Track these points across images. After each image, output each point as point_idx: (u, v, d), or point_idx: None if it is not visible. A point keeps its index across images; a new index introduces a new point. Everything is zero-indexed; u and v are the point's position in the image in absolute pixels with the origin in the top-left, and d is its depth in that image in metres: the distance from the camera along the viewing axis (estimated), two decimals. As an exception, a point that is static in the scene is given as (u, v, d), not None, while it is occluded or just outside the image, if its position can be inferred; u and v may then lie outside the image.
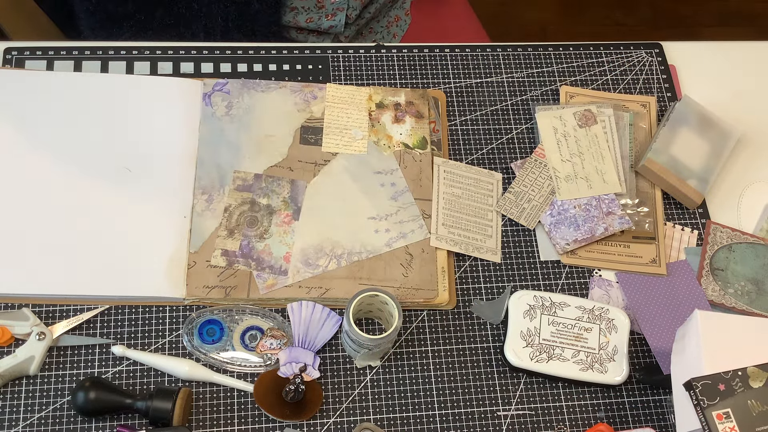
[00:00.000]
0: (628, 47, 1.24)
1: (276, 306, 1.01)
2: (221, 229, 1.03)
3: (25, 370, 0.94)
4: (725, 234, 1.10)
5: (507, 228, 1.09)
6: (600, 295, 1.05)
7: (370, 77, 1.17)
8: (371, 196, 1.07)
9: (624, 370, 0.98)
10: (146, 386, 0.95)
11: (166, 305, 1.00)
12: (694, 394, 0.87)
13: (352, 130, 1.11)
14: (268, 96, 1.12)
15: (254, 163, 1.07)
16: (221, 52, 1.16)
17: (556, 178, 1.10)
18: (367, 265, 1.03)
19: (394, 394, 0.98)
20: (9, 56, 1.12)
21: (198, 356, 0.97)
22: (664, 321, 1.04)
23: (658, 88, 1.21)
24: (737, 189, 1.16)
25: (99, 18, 1.26)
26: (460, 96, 1.17)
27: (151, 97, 1.10)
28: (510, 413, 0.98)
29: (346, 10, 1.29)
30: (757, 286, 1.07)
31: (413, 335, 1.02)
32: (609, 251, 1.08)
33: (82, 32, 1.31)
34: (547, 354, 0.98)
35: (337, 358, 0.99)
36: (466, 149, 1.14)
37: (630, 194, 1.11)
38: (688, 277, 1.07)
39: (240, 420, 0.95)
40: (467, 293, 1.05)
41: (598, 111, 1.15)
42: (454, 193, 1.09)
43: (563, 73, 1.21)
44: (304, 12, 1.28)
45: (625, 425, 0.99)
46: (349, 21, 1.32)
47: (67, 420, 0.93)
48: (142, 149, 1.07)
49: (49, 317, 0.98)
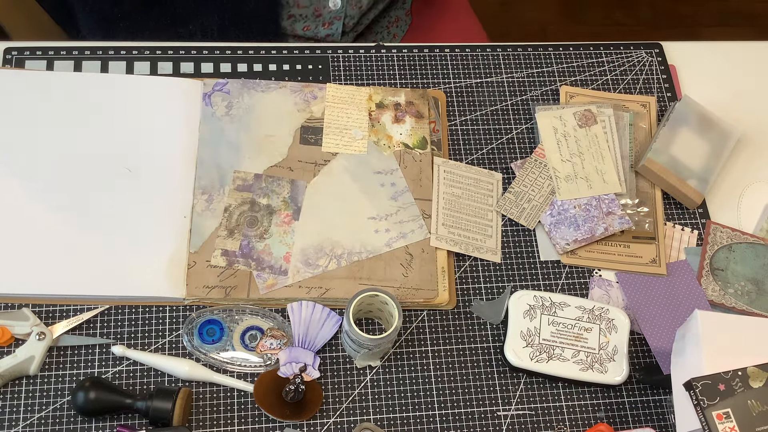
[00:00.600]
0: (628, 47, 1.24)
1: (276, 306, 1.01)
2: (221, 229, 1.03)
3: (25, 370, 0.94)
4: (725, 234, 1.10)
5: (507, 228, 1.09)
6: (600, 295, 1.05)
7: (370, 77, 1.17)
8: (371, 196, 1.07)
9: (624, 370, 0.98)
10: (146, 386, 0.95)
11: (166, 305, 1.00)
12: (694, 394, 0.87)
13: (352, 130, 1.11)
14: (268, 96, 1.12)
15: (254, 163, 1.07)
16: (221, 52, 1.16)
17: (556, 178, 1.10)
18: (367, 265, 1.03)
19: (394, 394, 0.98)
20: (9, 56, 1.12)
21: (198, 356, 0.97)
22: (664, 321, 1.04)
23: (658, 88, 1.21)
24: (737, 189, 1.16)
25: (95, 18, 1.26)
26: (460, 96, 1.17)
27: (151, 97, 1.10)
28: (510, 413, 0.99)
29: (343, 19, 1.29)
30: (757, 286, 1.07)
31: (413, 335, 1.02)
32: (609, 251, 1.08)
33: (81, 31, 1.31)
34: (547, 354, 0.98)
35: (337, 358, 0.99)
36: (466, 149, 1.14)
37: (630, 194, 1.11)
38: (688, 277, 1.07)
39: (240, 420, 0.95)
40: (467, 293, 1.05)
41: (598, 111, 1.15)
42: (454, 193, 1.09)
43: (563, 73, 1.21)
44: (302, 20, 1.28)
45: (625, 425, 0.99)
46: (347, 29, 1.31)
47: (67, 420, 0.93)
48: (142, 149, 1.07)
49: (49, 317, 0.98)
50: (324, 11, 1.27)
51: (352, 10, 1.29)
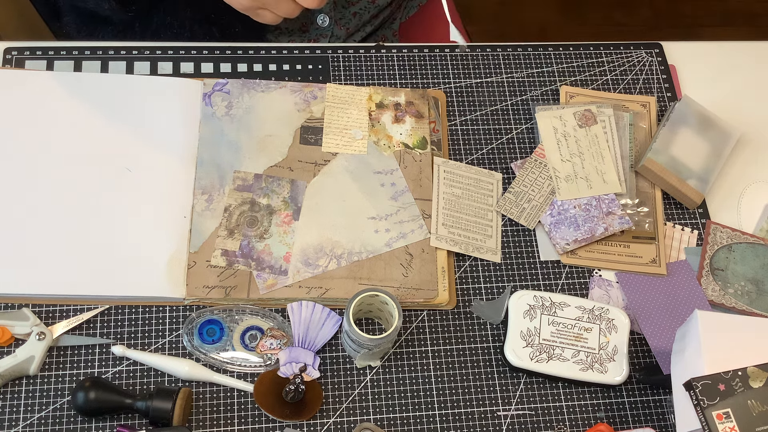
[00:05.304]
0: (628, 47, 1.24)
1: (276, 306, 1.01)
2: (221, 229, 1.03)
3: (25, 370, 0.94)
4: (725, 234, 1.10)
5: (507, 228, 1.09)
6: (600, 295, 1.05)
7: (370, 77, 1.17)
8: (371, 196, 1.07)
9: (624, 370, 0.98)
10: (146, 386, 0.95)
11: (166, 305, 1.00)
12: (694, 394, 0.87)
13: (352, 130, 1.11)
14: (268, 96, 1.12)
15: (254, 163, 1.07)
16: (221, 52, 1.16)
17: (556, 178, 1.10)
18: (367, 265, 1.03)
19: (394, 394, 0.98)
20: (9, 56, 1.12)
21: (198, 356, 0.97)
22: (664, 321, 1.04)
23: (658, 88, 1.21)
24: (737, 189, 1.16)
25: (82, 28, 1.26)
26: (460, 96, 1.18)
27: (151, 97, 1.10)
28: (510, 413, 0.99)
29: (330, 38, 1.28)
30: (757, 286, 1.07)
31: (413, 335, 1.02)
32: (609, 251, 1.08)
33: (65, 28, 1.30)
34: (547, 354, 0.98)
35: (337, 358, 0.99)
36: (466, 149, 1.14)
37: (630, 194, 1.11)
38: (688, 277, 1.07)
39: (240, 420, 0.95)
40: (467, 293, 1.05)
41: (598, 111, 1.15)
42: (454, 193, 1.09)
43: (563, 73, 1.21)
44: (287, 33, 1.27)
45: (625, 425, 0.99)
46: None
47: (67, 420, 0.93)
48: (142, 149, 1.07)
49: (49, 317, 0.98)
50: (311, 27, 1.27)
51: (339, 30, 1.29)
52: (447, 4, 0.99)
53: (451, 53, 1.20)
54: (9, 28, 1.33)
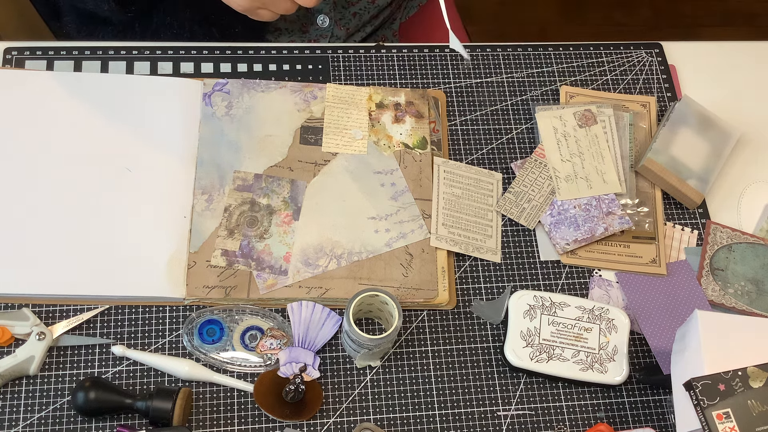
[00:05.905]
0: (628, 47, 1.24)
1: (276, 306, 1.01)
2: (221, 229, 1.03)
3: (25, 370, 0.94)
4: (725, 234, 1.10)
5: (507, 228, 1.09)
6: (600, 295, 1.05)
7: (370, 77, 1.17)
8: (371, 196, 1.07)
9: (624, 370, 0.98)
10: (146, 386, 0.95)
11: (166, 305, 1.00)
12: (694, 394, 0.87)
13: (352, 130, 1.11)
14: (268, 96, 1.12)
15: (254, 163, 1.07)
16: (221, 52, 1.16)
17: (556, 178, 1.10)
18: (367, 265, 1.03)
19: (394, 394, 0.98)
20: (9, 56, 1.12)
21: (198, 356, 0.97)
22: (664, 321, 1.04)
23: (658, 88, 1.21)
24: (737, 189, 1.16)
25: (82, 29, 1.26)
26: (460, 96, 1.18)
27: (151, 97, 1.10)
28: (510, 413, 0.99)
29: (330, 38, 1.28)
30: (757, 286, 1.07)
31: (413, 335, 1.02)
32: (609, 251, 1.08)
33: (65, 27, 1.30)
34: (547, 354, 0.98)
35: (337, 358, 0.99)
36: (466, 149, 1.14)
37: (630, 194, 1.11)
38: (688, 277, 1.07)
39: (240, 420, 0.95)
40: (467, 293, 1.05)
41: (598, 111, 1.15)
42: (454, 193, 1.09)
43: (563, 73, 1.21)
44: (287, 34, 1.27)
45: (625, 425, 0.99)
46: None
47: (67, 420, 0.93)
48: (142, 149, 1.07)
49: (49, 317, 0.98)
50: (311, 28, 1.27)
51: (339, 31, 1.29)
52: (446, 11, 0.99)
53: (451, 53, 1.20)
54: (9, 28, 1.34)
